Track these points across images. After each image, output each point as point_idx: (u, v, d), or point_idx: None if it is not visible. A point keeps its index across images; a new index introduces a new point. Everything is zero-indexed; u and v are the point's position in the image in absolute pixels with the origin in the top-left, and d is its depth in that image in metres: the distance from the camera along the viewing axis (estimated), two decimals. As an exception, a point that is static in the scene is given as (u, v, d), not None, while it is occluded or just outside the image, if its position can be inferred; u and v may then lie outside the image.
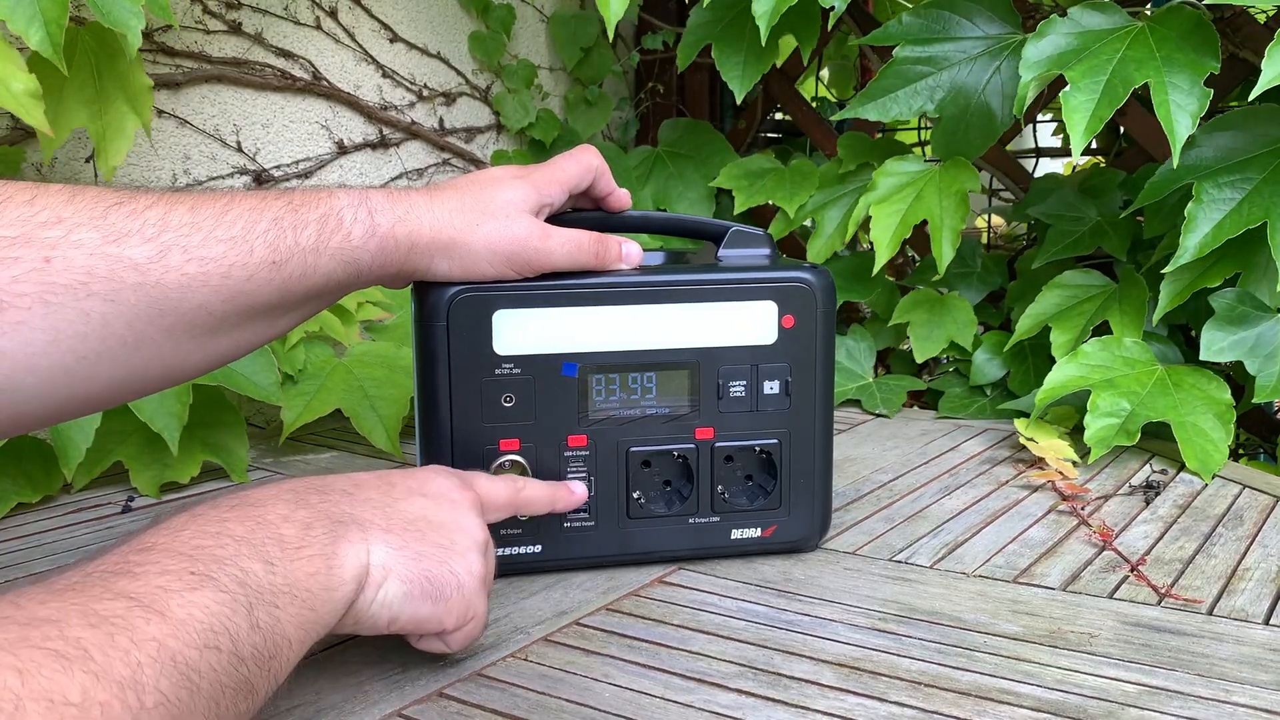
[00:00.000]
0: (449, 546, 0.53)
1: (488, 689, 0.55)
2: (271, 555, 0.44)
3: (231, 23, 1.14)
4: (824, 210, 1.30)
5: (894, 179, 1.21)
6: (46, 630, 0.33)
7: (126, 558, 0.40)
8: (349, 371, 1.02)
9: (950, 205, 1.16)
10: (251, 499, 0.48)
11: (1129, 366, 1.02)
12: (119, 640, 0.34)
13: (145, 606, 0.36)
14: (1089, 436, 0.94)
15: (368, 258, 0.59)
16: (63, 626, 0.33)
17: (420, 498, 0.55)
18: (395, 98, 1.33)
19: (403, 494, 0.55)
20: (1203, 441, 0.93)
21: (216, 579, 0.40)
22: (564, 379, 0.68)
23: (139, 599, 0.36)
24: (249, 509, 0.46)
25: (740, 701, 0.54)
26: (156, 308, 0.52)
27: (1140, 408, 0.97)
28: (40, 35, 0.80)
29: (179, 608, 0.37)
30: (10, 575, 0.73)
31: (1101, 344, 1.03)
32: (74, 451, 0.85)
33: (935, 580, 0.70)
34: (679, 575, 0.71)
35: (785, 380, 0.71)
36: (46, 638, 0.32)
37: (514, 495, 0.62)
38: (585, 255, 0.67)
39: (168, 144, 1.10)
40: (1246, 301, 1.00)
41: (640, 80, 1.66)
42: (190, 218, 0.53)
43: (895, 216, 1.18)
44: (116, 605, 0.36)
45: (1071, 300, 1.14)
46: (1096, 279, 1.14)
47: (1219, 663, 0.57)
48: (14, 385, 0.49)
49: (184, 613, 0.37)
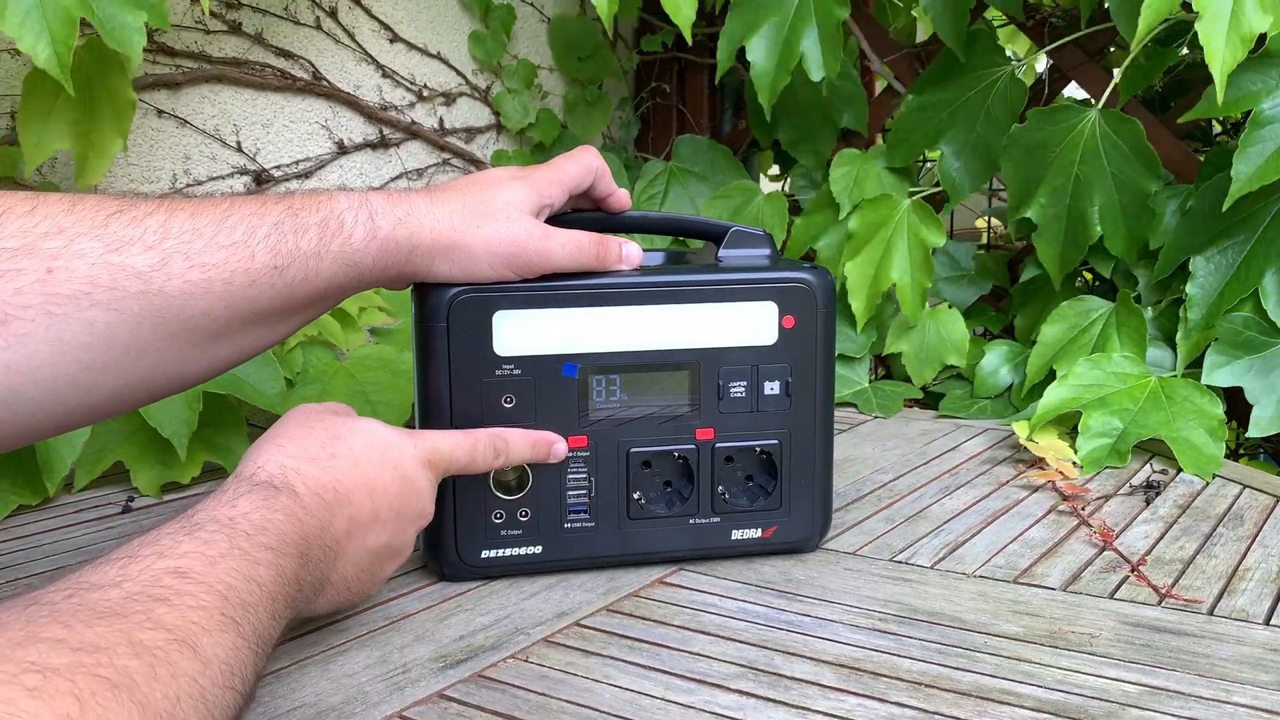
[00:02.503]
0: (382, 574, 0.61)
1: (488, 690, 0.55)
2: (278, 611, 0.47)
3: (231, 23, 1.14)
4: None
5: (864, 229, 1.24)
6: (99, 658, 0.35)
7: (162, 580, 0.42)
8: (350, 375, 1.02)
9: (917, 259, 1.21)
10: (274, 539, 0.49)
11: (1121, 381, 1.02)
12: (160, 672, 0.36)
13: (181, 641, 0.39)
14: (1081, 456, 0.95)
15: (369, 260, 0.59)
16: (112, 655, 0.35)
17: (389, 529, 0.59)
18: (395, 98, 1.33)
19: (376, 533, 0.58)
20: (1196, 454, 0.93)
21: (240, 625, 0.43)
22: (564, 380, 0.68)
23: (175, 632, 0.39)
24: (274, 557, 0.48)
25: (741, 702, 0.54)
26: (159, 315, 0.52)
27: (1132, 425, 0.97)
28: (48, 54, 0.80)
29: (208, 646, 0.40)
30: (10, 576, 0.73)
31: (1092, 363, 1.04)
32: (59, 464, 0.86)
33: (935, 580, 0.70)
34: (679, 576, 0.71)
35: (785, 381, 0.71)
36: (99, 664, 0.34)
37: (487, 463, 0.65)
38: (585, 257, 0.67)
39: (167, 144, 1.10)
40: (1253, 327, 1.00)
41: (640, 81, 1.66)
42: (191, 224, 0.53)
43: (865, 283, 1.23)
44: (156, 637, 0.38)
45: (1072, 332, 1.14)
46: (1096, 304, 1.14)
47: (1219, 663, 0.57)
48: (19, 397, 0.49)
49: (211, 652, 0.40)
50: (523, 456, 0.67)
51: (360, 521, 0.57)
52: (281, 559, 0.48)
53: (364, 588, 0.60)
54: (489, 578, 0.70)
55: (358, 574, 0.58)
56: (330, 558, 0.55)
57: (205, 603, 0.42)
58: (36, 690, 0.32)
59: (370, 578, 0.60)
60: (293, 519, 0.51)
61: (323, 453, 0.56)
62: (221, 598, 0.43)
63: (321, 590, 0.55)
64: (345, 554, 0.56)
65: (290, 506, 0.52)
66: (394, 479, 0.58)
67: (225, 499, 0.50)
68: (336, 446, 0.57)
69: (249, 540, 0.47)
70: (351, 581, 0.58)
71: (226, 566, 0.44)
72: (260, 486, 0.52)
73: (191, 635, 0.39)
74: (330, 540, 0.54)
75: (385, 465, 0.58)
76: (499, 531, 0.68)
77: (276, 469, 0.54)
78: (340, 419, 0.59)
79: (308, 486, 0.54)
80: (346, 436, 0.58)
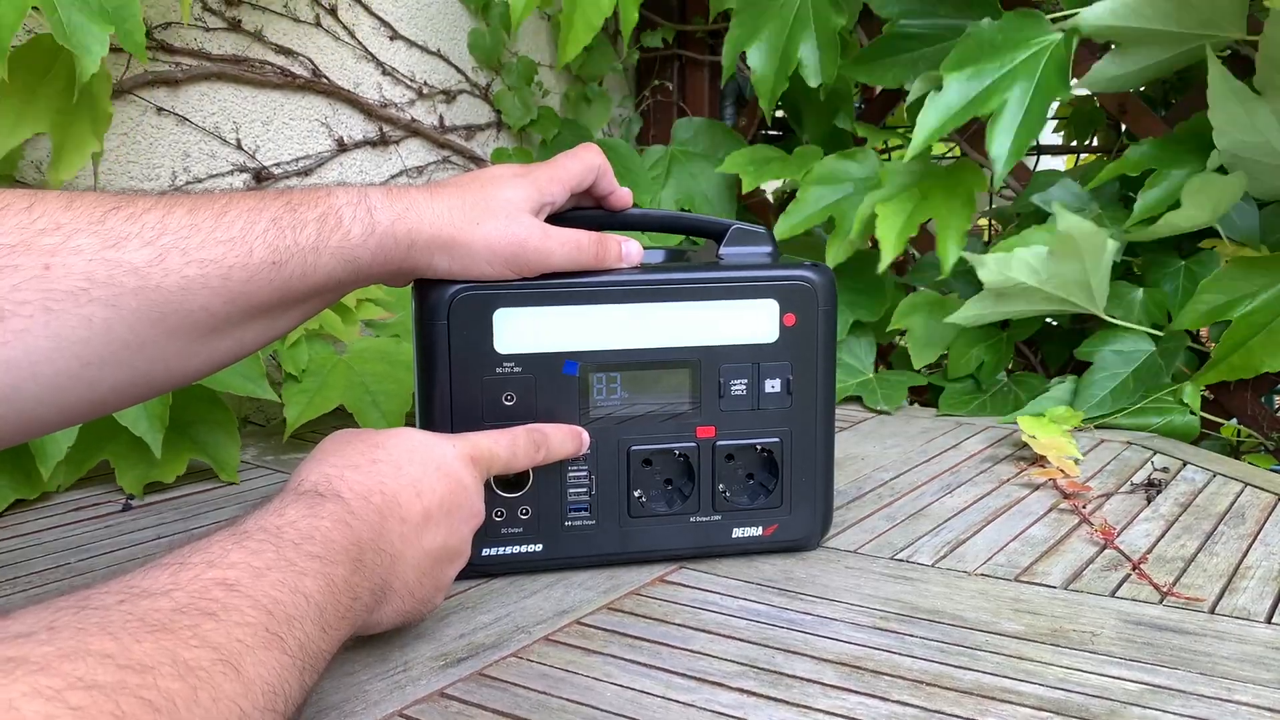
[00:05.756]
0: (445, 578, 0.59)
1: (489, 689, 0.55)
2: (328, 622, 0.46)
3: (231, 20, 1.14)
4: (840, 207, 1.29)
5: (902, 177, 1.21)
6: (144, 679, 0.34)
7: (210, 591, 0.41)
8: (350, 368, 1.02)
9: (957, 205, 1.16)
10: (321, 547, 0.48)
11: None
12: (201, 696, 0.36)
13: (225, 661, 0.38)
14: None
15: (367, 256, 0.59)
16: (156, 675, 0.35)
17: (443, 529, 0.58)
18: (395, 95, 1.32)
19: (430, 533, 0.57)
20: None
21: (284, 641, 0.42)
22: (565, 377, 0.68)
23: (220, 651, 0.38)
24: (322, 565, 0.47)
25: (742, 701, 0.53)
26: (157, 311, 0.52)
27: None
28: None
29: (251, 666, 0.39)
30: (10, 575, 0.72)
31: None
32: (54, 448, 0.85)
33: (937, 579, 0.70)
34: (680, 574, 0.71)
35: (786, 379, 0.71)
36: (143, 686, 0.34)
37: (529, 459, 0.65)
38: (585, 256, 0.66)
39: (167, 141, 1.10)
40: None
41: (640, 77, 1.66)
42: (189, 220, 0.53)
43: (901, 215, 1.17)
44: (202, 657, 0.37)
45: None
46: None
47: (1221, 661, 0.57)
48: (19, 393, 0.49)
49: (254, 672, 0.39)
50: (563, 449, 0.67)
51: (412, 523, 0.56)
52: (330, 567, 0.47)
53: (428, 594, 0.58)
54: (489, 575, 0.70)
55: (419, 579, 0.56)
56: (388, 563, 0.53)
57: (251, 619, 0.41)
58: (80, 710, 0.32)
59: (434, 583, 0.58)
60: (341, 524, 0.50)
61: (364, 459, 0.56)
62: (267, 613, 0.42)
63: (385, 598, 0.54)
64: (404, 558, 0.55)
65: (338, 512, 0.51)
66: (439, 478, 0.58)
67: (273, 509, 0.50)
68: (377, 454, 0.56)
69: (296, 550, 0.46)
70: (415, 588, 0.56)
71: (272, 579, 0.44)
72: (306, 495, 0.51)
73: (235, 655, 0.39)
74: (386, 544, 0.53)
75: (428, 466, 0.58)
76: (500, 529, 0.68)
77: (320, 478, 0.53)
78: (378, 432, 0.59)
79: (354, 491, 0.53)
80: (385, 443, 0.57)
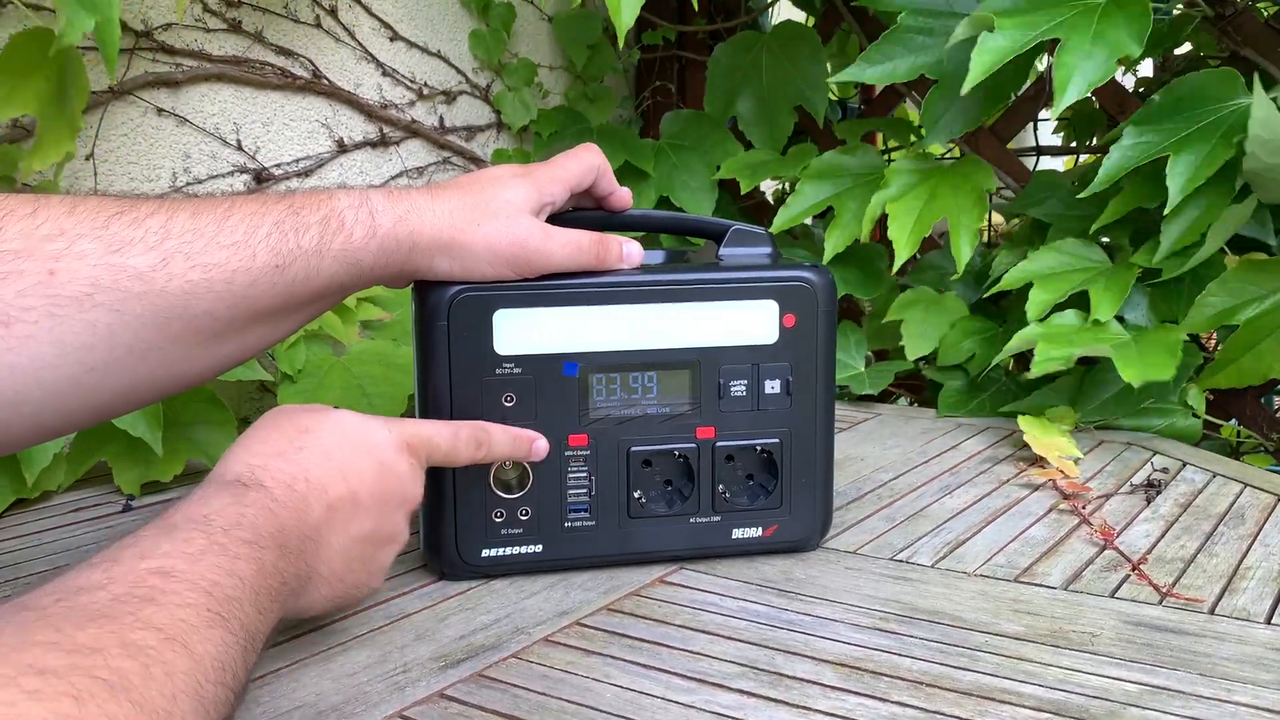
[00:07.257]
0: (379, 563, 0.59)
1: (488, 690, 0.55)
2: (262, 605, 0.47)
3: (231, 21, 1.14)
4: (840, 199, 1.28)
5: (907, 176, 1.20)
6: (94, 660, 0.35)
7: (147, 580, 0.41)
8: (347, 370, 1.02)
9: (967, 204, 1.16)
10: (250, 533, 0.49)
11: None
12: (154, 671, 0.37)
13: (172, 640, 0.39)
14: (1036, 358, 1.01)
15: (369, 258, 0.59)
16: (106, 656, 0.35)
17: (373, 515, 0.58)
18: (395, 96, 1.32)
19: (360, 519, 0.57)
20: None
21: (227, 620, 0.43)
22: (564, 378, 0.68)
23: (165, 631, 0.39)
24: (252, 550, 0.48)
25: (741, 702, 0.54)
26: (161, 316, 0.52)
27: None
28: None
29: (199, 644, 0.40)
30: (10, 575, 0.72)
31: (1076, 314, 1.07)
32: (40, 455, 0.85)
33: (936, 579, 0.70)
34: (680, 575, 0.71)
35: (786, 379, 0.71)
36: (95, 666, 0.35)
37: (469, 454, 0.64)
38: (585, 256, 0.66)
39: (167, 143, 1.10)
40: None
41: (641, 77, 1.66)
42: (192, 224, 0.53)
43: (912, 215, 1.17)
44: (148, 637, 0.38)
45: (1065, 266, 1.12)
46: (1095, 253, 1.12)
47: (1221, 662, 0.57)
48: (23, 399, 0.49)
49: (203, 649, 0.40)
50: (503, 451, 0.66)
51: (338, 509, 0.55)
52: (260, 552, 0.48)
53: (360, 579, 0.58)
54: (489, 577, 0.70)
55: (348, 564, 0.57)
56: (313, 549, 0.54)
57: (191, 600, 0.41)
58: (36, 693, 0.32)
59: (364, 568, 0.58)
60: (265, 511, 0.50)
61: (290, 447, 0.55)
62: (206, 594, 0.42)
63: (309, 583, 0.54)
64: (328, 543, 0.55)
65: (261, 500, 0.51)
66: (369, 464, 0.58)
67: (197, 499, 0.50)
68: (304, 440, 0.56)
69: (226, 535, 0.47)
70: (343, 573, 0.57)
71: (208, 563, 0.44)
72: (229, 485, 0.52)
73: (182, 634, 0.39)
74: (308, 529, 0.53)
75: (359, 451, 0.57)
76: (499, 530, 0.68)
77: (244, 468, 0.53)
78: (311, 414, 0.58)
79: (276, 480, 0.53)
80: (315, 429, 0.57)
